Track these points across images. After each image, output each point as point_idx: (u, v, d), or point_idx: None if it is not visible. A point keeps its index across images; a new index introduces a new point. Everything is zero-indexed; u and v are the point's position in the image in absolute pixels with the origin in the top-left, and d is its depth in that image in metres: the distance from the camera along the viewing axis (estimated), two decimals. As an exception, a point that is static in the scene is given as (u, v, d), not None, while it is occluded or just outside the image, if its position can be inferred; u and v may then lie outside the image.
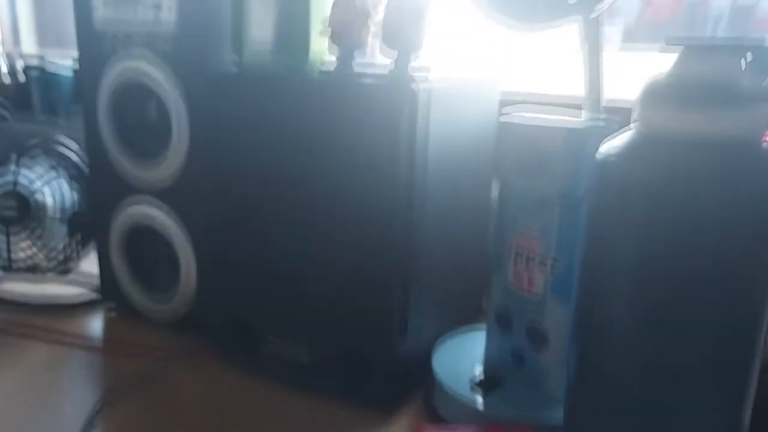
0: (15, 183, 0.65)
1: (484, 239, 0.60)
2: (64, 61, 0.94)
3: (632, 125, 0.35)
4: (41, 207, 0.66)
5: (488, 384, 0.47)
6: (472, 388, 0.47)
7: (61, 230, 0.67)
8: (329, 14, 0.48)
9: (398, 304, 0.47)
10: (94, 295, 0.67)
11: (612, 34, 0.75)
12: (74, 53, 0.59)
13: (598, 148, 0.36)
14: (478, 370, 0.50)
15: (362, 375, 0.48)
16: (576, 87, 0.53)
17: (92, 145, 0.60)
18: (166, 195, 0.58)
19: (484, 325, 0.51)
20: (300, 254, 0.50)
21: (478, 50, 0.72)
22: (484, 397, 0.46)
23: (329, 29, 0.48)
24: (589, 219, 0.37)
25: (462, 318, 0.58)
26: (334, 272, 0.48)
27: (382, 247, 0.46)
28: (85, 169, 0.67)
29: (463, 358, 0.51)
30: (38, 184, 0.66)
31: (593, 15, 0.48)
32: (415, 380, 0.51)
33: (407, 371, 0.49)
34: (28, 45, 1.23)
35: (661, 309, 0.33)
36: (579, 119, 0.46)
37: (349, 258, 0.47)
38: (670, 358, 0.33)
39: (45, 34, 1.23)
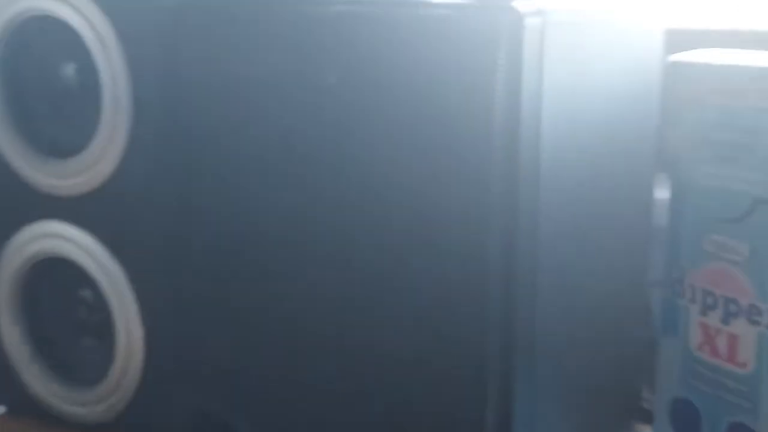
0: None
1: (645, 281, 0.60)
2: None
3: None
4: None
5: None
6: None
7: None
8: None
9: (495, 398, 0.48)
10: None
11: None
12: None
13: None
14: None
15: None
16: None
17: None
18: (92, 210, 0.59)
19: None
20: (321, 307, 0.50)
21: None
22: None
23: None
24: None
25: (607, 421, 0.58)
26: (380, 341, 0.49)
27: (465, 294, 0.46)
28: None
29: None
30: None
31: None
32: None
33: None
34: None
35: None
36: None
37: (406, 314, 0.48)
38: None
39: None
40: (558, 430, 0.54)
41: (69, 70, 0.59)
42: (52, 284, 0.63)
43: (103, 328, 0.61)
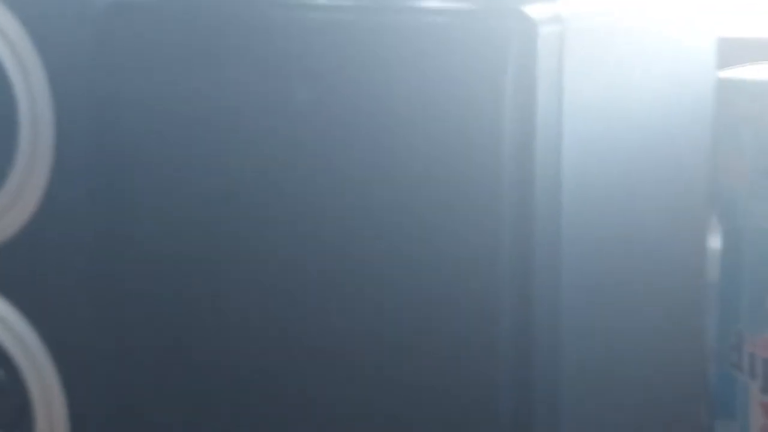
0: None
1: (697, 347, 0.58)
2: None
3: None
4: None
5: None
6: None
7: None
8: None
9: None
10: None
11: None
12: None
13: None
14: None
15: None
16: None
17: None
18: (4, 266, 0.57)
19: None
20: (295, 371, 0.49)
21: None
22: None
23: None
24: None
25: None
26: (371, 412, 0.48)
27: (474, 352, 0.46)
28: None
29: None
30: None
31: None
32: None
33: None
34: None
35: None
36: None
37: (403, 376, 0.47)
38: None
39: None
40: None
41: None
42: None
43: (18, 418, 0.58)
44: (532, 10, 0.42)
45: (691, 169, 0.57)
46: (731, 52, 0.56)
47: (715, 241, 0.53)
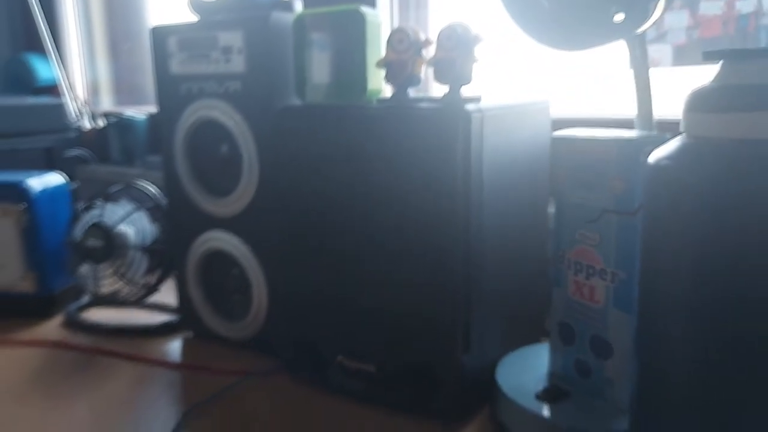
0: (101, 216, 0.76)
1: (544, 258, 0.65)
2: (139, 114, 1.09)
3: (681, 133, 0.39)
4: (124, 239, 0.76)
5: (553, 394, 0.50)
6: (537, 397, 0.51)
7: (143, 262, 0.79)
8: (384, 52, 0.55)
9: (461, 321, 0.52)
10: (173, 321, 0.76)
11: (662, 54, 0.76)
12: (147, 108, 0.64)
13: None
14: (543, 384, 0.54)
15: (429, 389, 0.53)
16: (628, 107, 0.59)
17: (170, 183, 0.73)
18: (237, 225, 0.67)
19: (547, 343, 0.56)
20: (364, 275, 0.56)
21: (528, 78, 0.78)
22: (550, 407, 0.50)
23: (385, 65, 0.54)
24: (644, 227, 0.41)
25: (525, 338, 0.65)
26: (399, 291, 0.54)
27: (443, 264, 0.52)
28: (164, 205, 0.78)
29: (527, 373, 0.56)
30: (121, 217, 0.76)
31: (638, 33, 0.50)
32: (481, 395, 0.56)
33: (472, 385, 0.55)
34: (106, 104, 1.34)
35: (721, 316, 0.33)
36: (632, 133, 0.51)
37: (412, 276, 0.53)
38: (733, 366, 0.34)
39: (121, 92, 1.34)
40: (496, 337, 0.58)
41: (225, 149, 0.66)
42: (217, 265, 0.70)
43: (245, 289, 0.68)
44: (469, 107, 0.48)
45: (542, 178, 0.61)
46: (557, 124, 0.60)
47: (551, 209, 0.51)
